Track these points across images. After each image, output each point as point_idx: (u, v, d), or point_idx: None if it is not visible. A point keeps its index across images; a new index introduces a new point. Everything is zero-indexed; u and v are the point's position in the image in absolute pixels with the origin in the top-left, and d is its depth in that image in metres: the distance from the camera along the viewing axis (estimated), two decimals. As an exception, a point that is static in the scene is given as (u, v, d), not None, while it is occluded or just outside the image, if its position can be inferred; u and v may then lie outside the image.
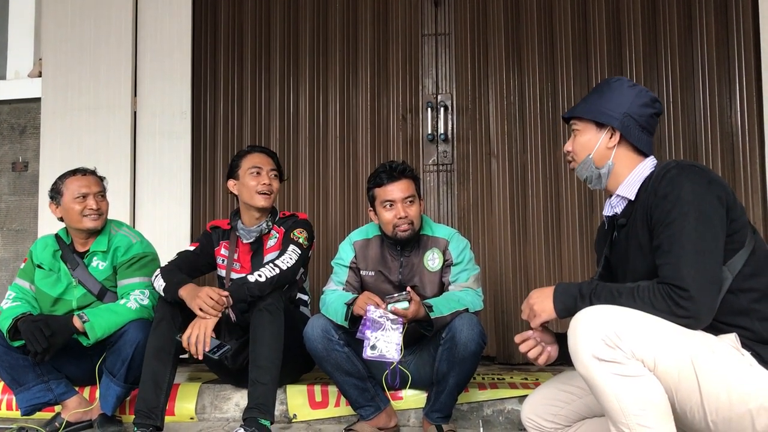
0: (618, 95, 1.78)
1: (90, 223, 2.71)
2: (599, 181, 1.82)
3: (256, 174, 2.73)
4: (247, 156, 2.79)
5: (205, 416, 2.83)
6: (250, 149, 2.86)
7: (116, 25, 3.83)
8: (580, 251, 3.44)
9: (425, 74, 3.69)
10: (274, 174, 2.78)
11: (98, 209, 2.72)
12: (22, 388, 2.62)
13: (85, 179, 2.75)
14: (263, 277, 2.47)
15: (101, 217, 2.74)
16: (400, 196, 2.53)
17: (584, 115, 1.83)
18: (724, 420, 1.49)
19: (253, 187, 2.72)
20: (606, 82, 1.84)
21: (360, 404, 2.54)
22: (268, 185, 2.73)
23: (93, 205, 2.70)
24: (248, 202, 2.75)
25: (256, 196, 2.72)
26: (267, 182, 2.73)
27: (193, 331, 2.36)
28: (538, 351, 1.84)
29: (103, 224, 2.77)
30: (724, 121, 3.39)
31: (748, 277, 1.60)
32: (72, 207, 2.70)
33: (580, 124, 1.84)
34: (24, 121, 3.99)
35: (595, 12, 3.53)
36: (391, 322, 2.29)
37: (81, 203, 2.70)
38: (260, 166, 2.75)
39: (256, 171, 2.74)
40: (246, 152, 2.83)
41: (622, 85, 1.80)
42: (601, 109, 1.79)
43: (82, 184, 2.73)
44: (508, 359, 3.45)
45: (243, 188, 2.76)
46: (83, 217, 2.70)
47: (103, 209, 2.76)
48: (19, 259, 3.78)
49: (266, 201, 2.74)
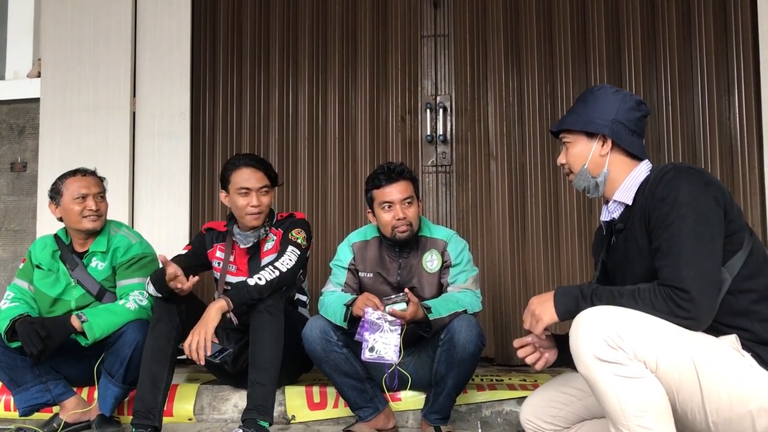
0: (604, 103, 1.79)
1: (89, 224, 2.71)
2: (597, 189, 1.83)
3: (244, 194, 2.68)
4: (236, 171, 2.70)
5: (203, 417, 2.83)
6: (238, 162, 2.73)
7: (115, 25, 3.82)
8: (578, 253, 3.45)
9: (424, 75, 3.69)
10: (264, 191, 2.71)
11: (97, 210, 2.72)
12: (20, 388, 2.61)
13: (85, 180, 2.75)
14: (263, 280, 2.47)
15: (100, 218, 2.74)
16: (399, 198, 2.53)
17: (573, 127, 1.83)
18: (724, 421, 1.50)
19: (242, 207, 2.68)
20: (590, 91, 1.85)
21: (358, 405, 2.54)
22: (257, 206, 2.68)
23: (92, 206, 2.70)
24: (239, 219, 2.75)
25: (246, 216, 2.70)
26: (256, 203, 2.67)
27: (193, 337, 2.36)
28: (536, 356, 1.86)
29: (103, 225, 2.77)
30: (722, 124, 3.40)
31: (747, 278, 1.60)
32: (71, 207, 2.70)
33: (570, 136, 1.85)
34: (23, 122, 3.99)
35: (594, 14, 3.54)
36: (389, 324, 2.29)
37: (81, 204, 2.70)
38: (249, 187, 2.67)
39: (245, 192, 2.67)
40: (235, 166, 2.72)
41: (606, 93, 1.81)
42: (589, 118, 1.80)
43: (82, 184, 2.72)
44: (506, 361, 3.44)
45: (233, 205, 2.73)
46: (83, 218, 2.70)
47: (103, 210, 2.76)
48: (18, 259, 3.77)
49: (256, 221, 2.71)
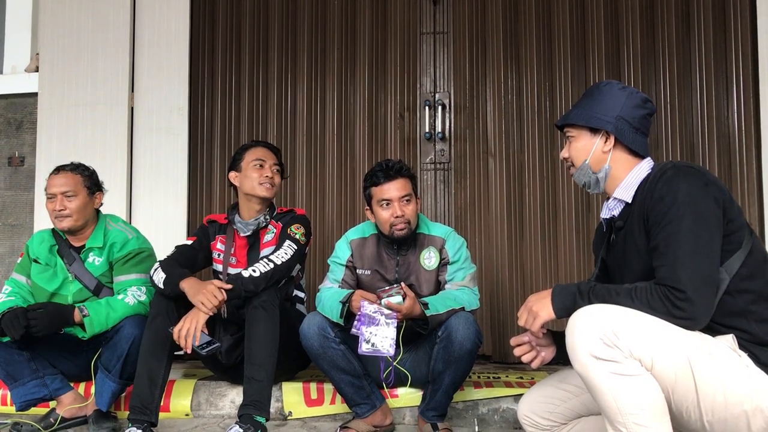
0: (609, 99, 1.79)
1: (58, 224, 2.69)
2: (597, 185, 1.82)
3: (259, 166, 2.76)
4: (252, 149, 2.82)
5: (200, 413, 2.83)
6: (253, 143, 2.90)
7: (114, 20, 3.82)
8: (576, 250, 3.45)
9: (423, 73, 3.69)
10: (276, 168, 2.81)
11: (62, 209, 2.65)
12: (17, 383, 2.60)
13: (55, 178, 2.70)
14: (257, 272, 2.47)
15: (67, 218, 2.67)
16: (397, 195, 2.53)
17: (577, 122, 1.83)
18: (719, 420, 1.50)
19: (255, 178, 2.74)
20: (596, 87, 1.85)
21: (355, 402, 2.54)
22: (271, 178, 2.76)
23: (57, 205, 2.67)
24: (250, 192, 2.76)
25: (258, 186, 2.74)
26: (270, 175, 2.76)
27: (184, 324, 2.36)
28: (533, 355, 1.86)
29: (76, 224, 2.69)
30: (721, 122, 3.40)
31: (745, 278, 1.60)
32: (47, 207, 2.71)
33: (574, 131, 1.84)
34: (21, 116, 3.98)
35: (593, 12, 3.54)
36: (385, 317, 2.30)
37: (51, 203, 2.69)
38: (264, 158, 2.78)
39: (260, 163, 2.76)
40: (250, 145, 2.86)
41: (612, 89, 1.81)
42: (593, 114, 1.79)
43: (51, 182, 2.70)
44: (503, 358, 3.45)
45: (245, 179, 2.77)
46: (54, 218, 2.69)
47: (72, 209, 2.66)
48: (15, 254, 3.77)
49: (268, 192, 2.76)
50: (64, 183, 2.69)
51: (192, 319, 2.36)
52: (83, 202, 2.70)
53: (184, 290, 2.42)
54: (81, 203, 2.70)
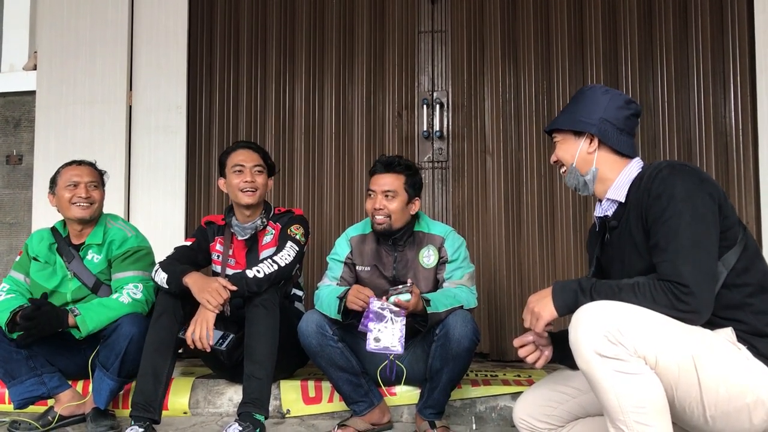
0: (591, 102, 1.83)
1: (78, 212, 2.70)
2: (586, 187, 1.85)
3: (238, 172, 2.73)
4: (232, 154, 2.79)
5: (198, 411, 2.84)
6: (234, 146, 2.84)
7: (112, 18, 3.81)
8: (574, 248, 3.46)
9: (421, 71, 3.69)
10: (258, 170, 2.75)
11: (88, 197, 2.70)
12: (15, 381, 2.61)
13: (79, 168, 2.75)
14: (261, 273, 2.48)
15: (92, 206, 2.72)
16: (380, 189, 2.57)
17: (562, 126, 1.88)
18: (722, 414, 1.51)
19: (236, 185, 2.72)
20: (580, 92, 1.90)
21: (353, 400, 2.55)
22: (251, 182, 2.72)
23: (82, 193, 2.69)
24: (234, 200, 2.77)
25: (239, 193, 2.72)
26: (249, 179, 2.72)
27: (195, 328, 2.38)
28: (537, 355, 1.87)
29: (94, 214, 2.74)
30: (718, 121, 3.41)
31: (742, 272, 1.62)
32: (62, 195, 2.71)
33: (560, 135, 1.89)
34: (18, 114, 3.97)
35: (591, 10, 3.55)
36: (393, 314, 2.30)
37: (71, 191, 2.69)
38: (243, 164, 2.74)
39: (239, 169, 2.73)
40: (230, 150, 2.81)
41: (595, 92, 1.85)
42: (576, 117, 1.83)
43: (75, 173, 2.73)
44: (501, 356, 3.46)
45: (229, 187, 2.77)
46: (71, 204, 2.69)
47: (95, 198, 2.73)
48: (13, 252, 3.77)
49: (250, 198, 2.72)
50: (89, 173, 2.76)
51: (201, 320, 2.38)
52: (102, 196, 2.79)
53: (188, 285, 2.42)
54: (101, 196, 2.78)
